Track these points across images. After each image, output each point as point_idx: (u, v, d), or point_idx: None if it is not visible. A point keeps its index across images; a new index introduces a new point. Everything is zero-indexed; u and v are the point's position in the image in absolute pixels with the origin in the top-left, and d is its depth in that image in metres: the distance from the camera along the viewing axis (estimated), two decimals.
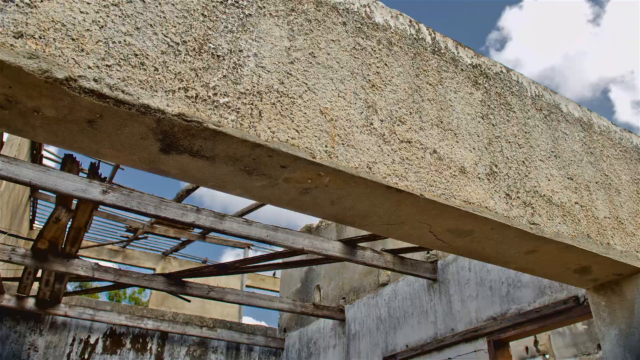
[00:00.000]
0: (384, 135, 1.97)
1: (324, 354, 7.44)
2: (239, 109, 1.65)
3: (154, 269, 14.44)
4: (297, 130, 1.74)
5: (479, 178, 2.20)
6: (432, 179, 2.02)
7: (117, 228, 12.79)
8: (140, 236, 12.49)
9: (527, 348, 8.62)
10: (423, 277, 5.32)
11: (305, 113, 1.80)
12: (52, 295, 6.83)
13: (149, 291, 14.03)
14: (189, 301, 7.40)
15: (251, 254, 15.00)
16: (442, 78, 2.39)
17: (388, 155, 1.94)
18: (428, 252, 5.67)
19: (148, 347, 8.21)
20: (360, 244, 4.98)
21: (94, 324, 7.95)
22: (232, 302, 6.36)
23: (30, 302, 7.09)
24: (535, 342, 8.52)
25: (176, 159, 1.71)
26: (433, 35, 2.51)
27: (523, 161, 2.47)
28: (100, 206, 12.12)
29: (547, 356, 8.41)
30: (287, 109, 1.76)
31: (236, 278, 15.60)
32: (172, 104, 1.54)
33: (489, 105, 2.53)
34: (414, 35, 2.39)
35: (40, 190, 10.08)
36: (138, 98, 1.49)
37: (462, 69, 2.53)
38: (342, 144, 1.83)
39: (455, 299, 5.03)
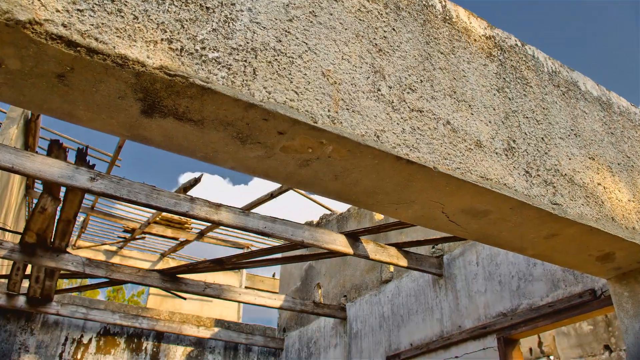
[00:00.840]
0: (393, 102, 1.79)
1: (325, 353, 7.26)
2: (230, 65, 1.47)
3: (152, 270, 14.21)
4: (296, 92, 1.56)
5: (497, 153, 2.02)
6: (446, 151, 1.84)
7: (114, 228, 12.62)
8: (137, 237, 12.31)
9: (530, 349, 8.44)
10: (428, 272, 5.14)
11: (305, 74, 1.62)
12: (43, 292, 6.64)
13: (147, 293, 13.85)
14: (185, 299, 7.23)
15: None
16: (454, 47, 2.21)
17: (397, 124, 1.76)
18: (433, 247, 5.49)
19: (143, 347, 8.03)
20: (363, 237, 4.80)
21: (87, 323, 7.77)
22: (228, 300, 6.18)
23: (20, 300, 6.90)
24: (540, 343, 8.34)
25: (160, 123, 1.53)
26: (443, 3, 2.33)
27: (542, 138, 2.29)
28: (97, 205, 11.95)
29: (552, 357, 8.23)
30: (285, 68, 1.58)
31: (234, 279, 15.42)
32: (154, 55, 1.36)
33: (504, 79, 2.35)
34: (423, 2, 2.21)
35: (35, 189, 9.91)
36: (114, 47, 1.31)
37: (475, 39, 2.36)
38: (347, 109, 1.65)
39: (463, 295, 4.85)
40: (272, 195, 11.33)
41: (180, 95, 1.42)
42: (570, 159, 2.35)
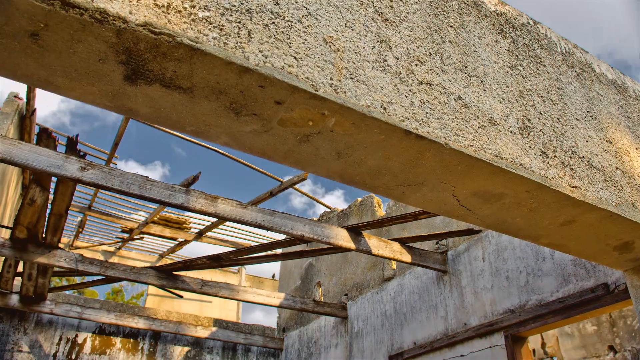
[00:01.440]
0: (400, 74, 1.66)
1: (325, 353, 7.12)
2: (222, 25, 1.34)
3: None
4: (295, 57, 1.43)
5: (511, 132, 1.89)
6: (457, 127, 1.71)
7: (112, 228, 12.49)
8: (135, 237, 12.17)
9: (534, 350, 8.30)
10: (432, 268, 5.00)
11: (305, 39, 1.48)
12: (36, 291, 6.51)
13: (146, 295, 13.71)
14: (181, 297, 7.09)
15: None
16: (464, 21, 2.08)
17: (406, 96, 1.63)
18: (437, 243, 5.36)
19: (139, 347, 7.89)
20: (365, 232, 4.67)
21: (82, 322, 7.63)
22: (226, 298, 6.04)
23: (13, 299, 6.77)
24: (543, 344, 8.21)
25: (145, 91, 1.40)
26: None
27: (558, 118, 2.16)
28: (94, 205, 11.82)
29: (555, 358, 8.10)
30: (283, 32, 1.45)
31: (233, 280, 15.26)
32: (137, 11, 1.23)
33: (517, 56, 2.23)
34: None
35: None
36: (91, 0, 1.18)
37: (485, 15, 2.23)
38: (351, 78, 1.52)
39: (468, 292, 4.71)
40: (271, 194, 11.20)
41: (166, 57, 1.29)
42: (587, 141, 2.22)
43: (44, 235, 4.98)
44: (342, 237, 4.41)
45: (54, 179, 4.17)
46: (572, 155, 2.08)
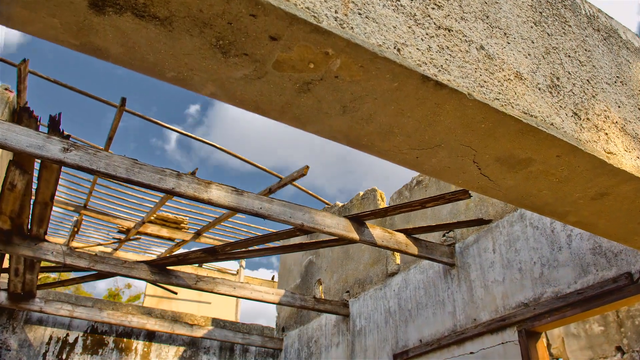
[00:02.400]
0: (415, 15, 1.45)
1: (326, 353, 6.90)
2: None
3: None
4: None
5: (539, 89, 1.68)
6: (481, 78, 1.49)
7: (109, 229, 12.26)
8: (132, 237, 11.94)
9: None
10: (440, 261, 4.79)
11: None
12: (24, 287, 6.29)
13: (143, 297, 13.48)
14: (176, 293, 6.87)
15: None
16: None
17: (422, 39, 1.41)
18: (444, 235, 5.14)
19: (133, 347, 7.67)
20: (369, 222, 4.45)
21: (74, 320, 7.41)
22: (222, 294, 5.83)
23: (1, 296, 6.55)
24: (548, 345, 7.99)
25: (115, 22, 1.18)
26: None
27: (588, 80, 1.95)
28: (89, 203, 11.61)
29: None
30: None
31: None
32: None
33: (540, 13, 2.01)
34: None
35: None
36: None
37: None
38: (359, 13, 1.30)
39: (477, 285, 4.50)
40: (270, 190, 10.98)
41: None
42: (619, 107, 2.01)
43: (29, 227, 4.76)
44: (344, 227, 4.19)
45: (41, 169, 3.96)
46: (605, 119, 1.86)
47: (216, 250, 5.05)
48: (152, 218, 12.24)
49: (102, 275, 5.95)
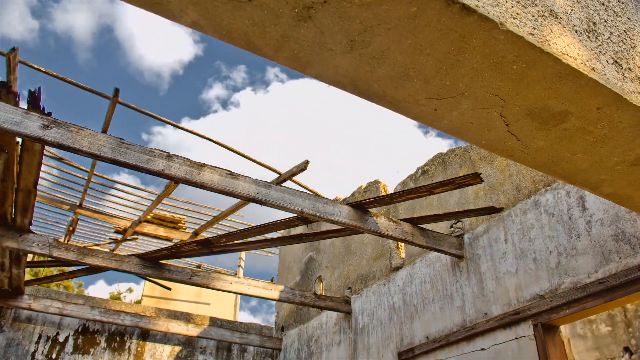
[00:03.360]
0: None
1: (327, 352, 6.68)
2: None
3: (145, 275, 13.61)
4: None
5: (576, 31, 1.46)
6: (513, 9, 1.27)
7: (105, 229, 12.03)
8: (128, 237, 11.71)
9: None
10: (448, 253, 4.57)
11: None
12: (11, 283, 6.07)
13: (140, 295, 13.24)
14: (169, 288, 6.65)
15: (249, 257, 14.12)
16: None
17: None
18: (452, 226, 4.92)
19: (126, 347, 7.44)
20: (373, 210, 4.23)
21: (64, 319, 7.19)
22: (218, 289, 5.60)
23: None
24: None
25: None
26: None
27: (625, 31, 1.72)
28: (85, 202, 11.38)
29: None
30: None
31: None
32: None
33: None
34: None
35: None
36: None
37: None
38: None
39: (488, 277, 4.27)
40: None
41: None
42: None
43: (13, 217, 4.54)
44: (347, 215, 3.97)
45: (22, 152, 3.73)
46: None
47: (211, 242, 4.83)
48: (149, 217, 12.02)
49: (92, 270, 5.73)
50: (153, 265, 5.25)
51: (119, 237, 11.67)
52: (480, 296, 4.29)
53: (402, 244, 5.87)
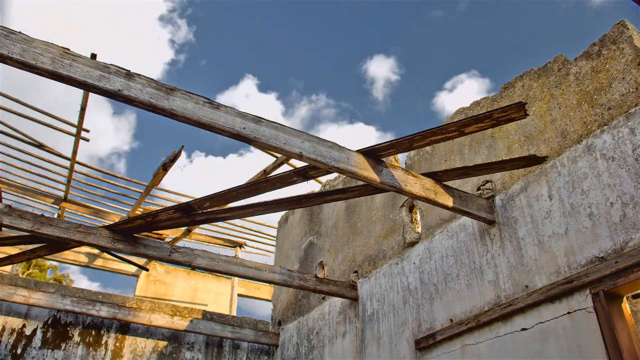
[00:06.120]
0: None
1: (330, 345, 6.01)
2: None
3: (137, 276, 13.00)
4: None
5: None
6: None
7: (93, 225, 11.38)
8: None
9: None
10: (476, 217, 3.90)
11: None
12: None
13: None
14: (147, 269, 5.98)
15: (243, 255, 13.41)
16: None
17: None
18: (479, 188, 4.25)
19: (103, 341, 6.77)
20: (386, 159, 3.57)
21: (32, 309, 6.52)
22: (203, 269, 4.94)
23: None
24: None
25: None
26: None
27: None
28: (69, 196, 10.66)
29: None
30: None
31: (225, 284, 14.14)
32: None
33: None
34: None
35: None
36: None
37: None
38: None
39: (528, 243, 3.61)
40: (265, 172, 10.10)
41: None
42: None
43: None
44: (357, 163, 3.30)
45: None
46: None
47: (192, 207, 4.17)
48: (138, 212, 11.34)
49: (57, 247, 5.05)
50: (125, 238, 4.58)
51: None
52: (519, 266, 3.62)
53: (418, 216, 5.20)
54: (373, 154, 3.39)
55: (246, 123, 2.93)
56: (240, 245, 13.40)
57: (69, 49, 2.54)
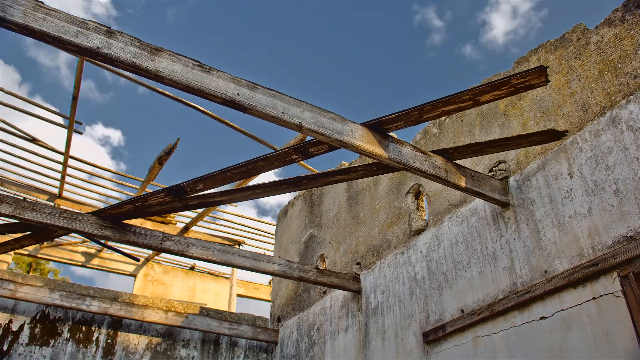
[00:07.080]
0: None
1: (332, 341, 5.77)
2: None
3: (135, 275, 12.77)
4: None
5: None
6: None
7: None
8: None
9: None
10: (490, 198, 3.67)
11: None
12: None
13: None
14: (138, 260, 5.74)
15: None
16: None
17: None
18: (492, 170, 4.01)
19: (94, 338, 6.53)
20: (393, 134, 3.34)
21: (19, 303, 6.28)
22: (197, 259, 4.70)
23: None
24: None
25: None
26: None
27: None
28: (64, 193, 10.44)
29: None
30: None
31: (224, 284, 13.91)
32: None
33: None
34: None
35: None
36: None
37: None
38: None
39: (547, 225, 3.37)
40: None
41: None
42: None
43: None
44: (361, 137, 3.07)
45: None
46: None
47: (184, 189, 3.93)
48: None
49: (42, 237, 4.82)
50: (114, 225, 4.35)
51: None
52: (537, 250, 3.39)
53: (425, 203, 4.97)
54: (379, 127, 3.15)
55: (240, 89, 2.69)
56: (239, 244, 13.18)
57: (42, 2, 2.31)
